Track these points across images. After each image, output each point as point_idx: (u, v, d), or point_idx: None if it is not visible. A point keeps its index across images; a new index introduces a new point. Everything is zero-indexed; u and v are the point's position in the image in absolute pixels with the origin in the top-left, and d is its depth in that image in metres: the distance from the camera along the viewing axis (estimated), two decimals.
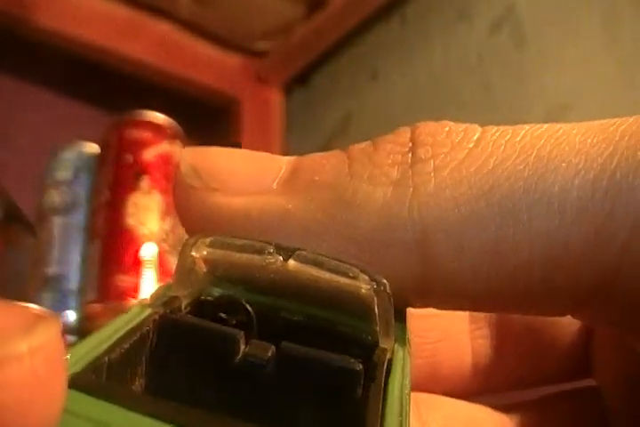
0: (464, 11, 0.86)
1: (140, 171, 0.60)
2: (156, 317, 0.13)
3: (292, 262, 0.13)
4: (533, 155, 0.14)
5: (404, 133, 0.15)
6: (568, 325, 0.20)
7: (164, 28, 1.00)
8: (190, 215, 0.15)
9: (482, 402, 0.20)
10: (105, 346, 0.11)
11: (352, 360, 0.12)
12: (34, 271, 0.60)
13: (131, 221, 0.58)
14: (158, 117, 0.64)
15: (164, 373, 0.12)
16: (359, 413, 0.11)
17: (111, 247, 0.58)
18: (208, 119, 1.05)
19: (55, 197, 0.62)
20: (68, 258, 0.59)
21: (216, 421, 0.10)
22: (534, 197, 0.13)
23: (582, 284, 0.14)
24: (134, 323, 0.12)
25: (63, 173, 0.63)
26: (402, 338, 0.14)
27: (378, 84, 0.95)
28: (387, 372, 0.12)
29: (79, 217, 0.61)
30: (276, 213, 0.14)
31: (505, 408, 0.20)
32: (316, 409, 0.12)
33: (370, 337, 0.13)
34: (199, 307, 0.14)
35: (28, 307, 0.11)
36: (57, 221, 0.61)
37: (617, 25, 0.71)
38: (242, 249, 0.13)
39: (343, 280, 0.13)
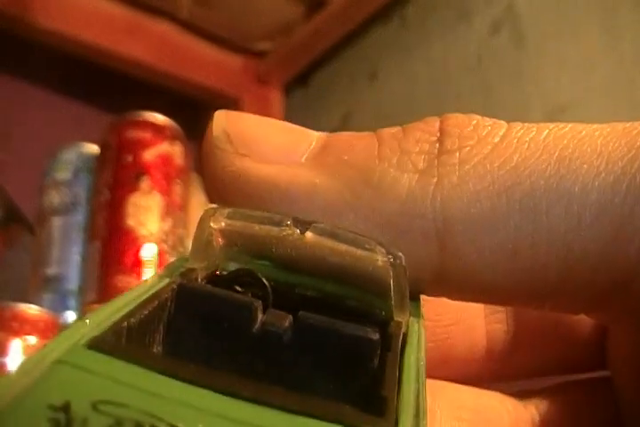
0: (463, 11, 0.86)
1: (139, 171, 0.60)
2: (174, 286, 0.13)
3: (308, 234, 0.13)
4: (556, 154, 0.14)
5: (434, 123, 0.15)
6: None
7: (164, 28, 1.00)
8: (216, 177, 0.15)
9: (492, 388, 0.20)
10: (124, 312, 0.11)
11: (369, 330, 0.12)
12: (34, 272, 0.60)
13: (131, 221, 0.58)
14: (158, 118, 0.64)
15: (182, 340, 0.12)
16: (376, 382, 0.11)
17: (111, 248, 0.58)
18: (208, 119, 1.05)
19: (55, 197, 0.62)
20: (68, 258, 0.59)
21: (244, 384, 0.10)
22: (555, 196, 0.14)
23: (598, 286, 0.14)
24: (152, 291, 0.12)
25: (63, 174, 0.63)
26: (416, 314, 0.14)
27: (377, 84, 0.95)
28: (402, 343, 0.12)
29: (79, 217, 0.61)
30: (303, 186, 0.14)
31: (516, 395, 0.20)
32: (332, 378, 0.12)
33: (384, 313, 0.13)
34: (215, 280, 0.14)
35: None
36: (57, 222, 0.61)
37: (616, 25, 0.71)
38: (260, 221, 0.13)
39: (359, 252, 0.13)
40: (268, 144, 0.15)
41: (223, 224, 0.13)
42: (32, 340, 0.50)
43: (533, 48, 0.78)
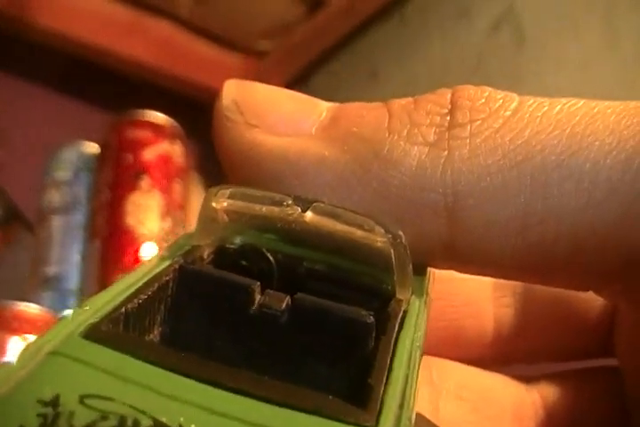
0: (464, 10, 0.86)
1: (140, 170, 0.60)
2: (176, 266, 0.13)
3: (309, 214, 0.13)
4: (568, 130, 0.14)
5: (445, 95, 0.15)
6: (593, 301, 0.20)
7: (164, 27, 1.00)
8: (227, 149, 0.15)
9: (499, 371, 0.20)
10: (124, 296, 0.11)
11: (364, 313, 0.12)
12: (33, 271, 0.60)
13: (130, 220, 0.58)
14: (158, 117, 0.64)
15: (182, 322, 0.13)
16: (366, 368, 0.11)
17: (111, 247, 0.58)
18: (208, 119, 1.05)
19: (55, 196, 0.62)
20: (68, 258, 0.59)
21: (229, 374, 0.10)
22: (566, 173, 0.13)
23: (607, 263, 0.14)
24: (153, 273, 0.12)
25: (63, 173, 0.63)
26: (420, 289, 0.14)
27: (378, 82, 0.95)
28: (401, 323, 0.12)
29: (79, 217, 0.61)
30: (313, 158, 0.14)
31: (522, 379, 0.20)
32: (326, 360, 0.12)
33: (389, 287, 0.13)
34: (221, 255, 0.14)
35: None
36: (57, 221, 0.61)
37: (617, 25, 0.71)
38: (261, 201, 0.13)
39: (359, 233, 0.13)
40: (278, 114, 0.15)
41: (225, 204, 0.13)
42: (31, 339, 0.50)
43: (534, 48, 0.78)
